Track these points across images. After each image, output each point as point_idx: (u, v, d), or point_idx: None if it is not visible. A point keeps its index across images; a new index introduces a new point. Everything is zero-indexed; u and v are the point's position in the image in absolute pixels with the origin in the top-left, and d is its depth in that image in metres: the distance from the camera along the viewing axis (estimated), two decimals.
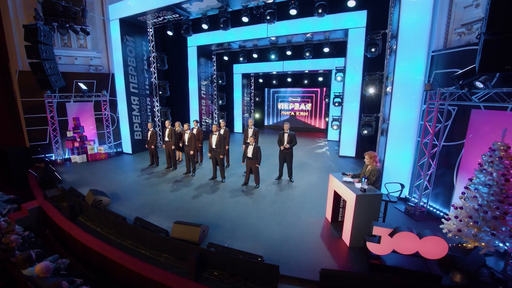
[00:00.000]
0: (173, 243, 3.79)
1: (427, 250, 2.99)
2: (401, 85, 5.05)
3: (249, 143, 5.92)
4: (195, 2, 7.19)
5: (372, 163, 3.90)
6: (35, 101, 8.29)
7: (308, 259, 3.45)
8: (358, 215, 3.58)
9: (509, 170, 3.12)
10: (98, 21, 9.10)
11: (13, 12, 7.97)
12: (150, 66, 9.90)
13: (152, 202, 5.30)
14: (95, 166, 8.15)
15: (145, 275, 3.45)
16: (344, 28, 8.23)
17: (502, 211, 3.12)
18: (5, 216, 5.57)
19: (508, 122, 3.46)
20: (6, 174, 8.33)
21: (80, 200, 5.27)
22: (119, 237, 4.36)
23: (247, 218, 4.58)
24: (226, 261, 3.37)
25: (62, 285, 3.12)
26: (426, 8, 4.66)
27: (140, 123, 9.64)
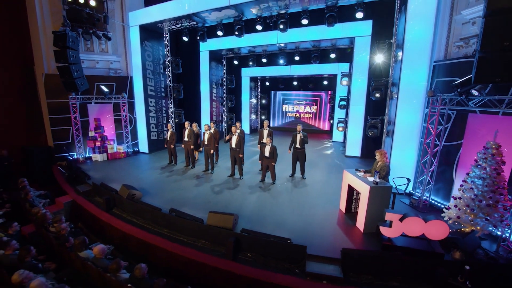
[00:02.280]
0: (208, 230, 4.31)
1: (431, 232, 3.55)
2: (406, 90, 5.63)
3: (265, 143, 6.48)
4: (214, 12, 7.74)
5: (382, 160, 4.46)
6: (59, 103, 8.78)
7: (328, 242, 4.00)
8: (371, 204, 4.13)
9: (500, 165, 3.69)
10: (118, 27, 9.62)
11: (40, 19, 8.48)
12: (166, 70, 10.44)
13: (179, 196, 5.82)
14: (116, 164, 8.65)
15: (187, 256, 3.98)
16: (350, 36, 8.82)
17: (494, 200, 3.69)
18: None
19: (500, 125, 4.04)
20: (30, 172, 8.80)
21: (114, 194, 5.78)
22: (156, 226, 4.87)
23: (269, 210, 5.12)
24: (258, 244, 3.90)
25: (120, 264, 3.63)
26: (429, 23, 5.24)
27: (156, 124, 10.16)
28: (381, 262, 3.50)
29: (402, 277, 3.42)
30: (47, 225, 4.96)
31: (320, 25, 8.22)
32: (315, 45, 10.36)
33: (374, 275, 3.45)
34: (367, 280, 3.42)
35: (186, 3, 7.85)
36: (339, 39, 9.25)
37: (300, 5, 7.23)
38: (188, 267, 4.00)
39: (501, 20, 3.02)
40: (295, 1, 6.90)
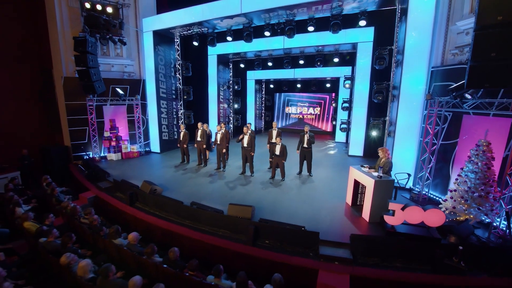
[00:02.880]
0: (228, 220, 4.76)
1: (430, 219, 4.01)
2: (406, 94, 6.11)
3: (275, 142, 6.96)
4: (225, 19, 8.23)
5: (385, 156, 4.93)
6: (77, 104, 9.24)
7: (338, 229, 4.46)
8: (376, 196, 4.60)
9: (490, 160, 4.16)
10: (132, 32, 10.10)
11: (60, 25, 8.94)
12: (176, 73, 10.91)
13: (196, 192, 6.27)
14: (130, 163, 9.10)
15: (211, 243, 4.42)
16: (353, 42, 9.32)
17: (485, 191, 4.15)
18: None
19: (490, 125, 4.51)
20: (48, 170, 9.23)
21: (136, 189, 6.23)
22: (178, 218, 5.31)
23: (281, 202, 5.58)
24: (275, 231, 4.36)
25: (154, 248, 4.07)
26: (427, 32, 5.73)
27: (167, 125, 10.62)
28: (385, 246, 3.95)
29: (404, 259, 3.87)
30: (78, 217, 5.41)
31: (325, 31, 8.73)
32: (319, 49, 10.85)
33: (379, 258, 3.90)
34: (373, 261, 3.87)
35: (200, 11, 8.34)
36: (342, 44, 9.75)
37: (307, 14, 7.72)
38: (211, 253, 4.44)
39: (488, 34, 3.50)
40: (303, 10, 7.39)
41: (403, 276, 3.55)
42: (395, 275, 3.56)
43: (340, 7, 7.07)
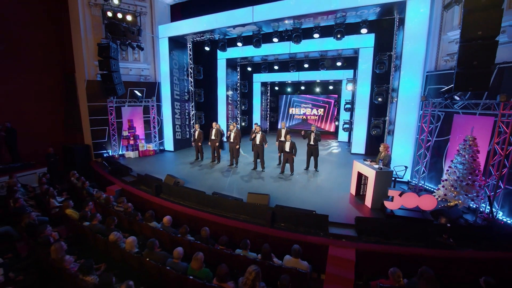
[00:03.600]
0: (248, 206, 5.42)
1: (423, 203, 4.67)
2: (404, 96, 6.78)
3: (284, 140, 7.63)
4: (238, 27, 8.93)
5: (385, 151, 5.59)
6: (98, 106, 9.93)
7: (344, 214, 5.12)
8: (377, 185, 5.25)
9: (476, 153, 4.82)
10: (148, 38, 10.81)
11: (83, 32, 9.65)
12: (188, 76, 11.60)
13: (214, 184, 6.93)
14: (147, 160, 9.77)
15: (234, 226, 5.08)
16: (355, 47, 10.01)
17: (472, 180, 4.81)
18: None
19: (476, 122, 5.18)
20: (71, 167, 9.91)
21: (160, 182, 6.90)
22: (201, 206, 5.96)
23: (293, 192, 6.24)
24: (290, 215, 5.01)
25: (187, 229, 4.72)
26: (422, 40, 6.40)
27: (180, 125, 11.31)
28: (385, 226, 4.60)
29: (402, 237, 4.51)
30: (112, 205, 6.08)
31: (329, 37, 9.40)
32: (322, 54, 11.55)
33: (380, 236, 4.55)
34: (375, 239, 4.52)
35: (214, 19, 9.05)
36: (345, 49, 10.44)
37: (313, 23, 8.41)
38: (234, 235, 5.09)
39: (471, 46, 4.18)
40: (309, 19, 8.09)
41: (400, 250, 4.19)
42: (394, 249, 4.21)
43: (343, 17, 7.76)
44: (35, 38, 9.70)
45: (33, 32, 9.63)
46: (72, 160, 9.89)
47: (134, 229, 5.34)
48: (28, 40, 9.49)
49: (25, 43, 9.37)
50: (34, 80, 9.86)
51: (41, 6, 9.92)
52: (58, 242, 3.91)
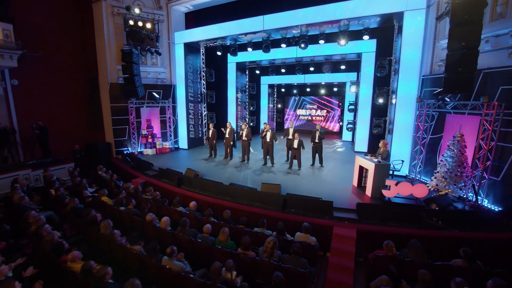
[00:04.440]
0: (262, 195, 6.14)
1: (417, 191, 5.34)
2: (402, 97, 7.44)
3: (292, 138, 8.36)
4: (249, 34, 9.70)
5: (384, 147, 6.27)
6: (119, 106, 10.79)
7: (347, 201, 5.82)
8: (376, 177, 5.93)
9: (463, 148, 5.47)
10: (164, 44, 11.64)
11: (107, 39, 10.52)
12: (201, 79, 12.41)
13: (230, 177, 7.66)
14: (164, 157, 10.57)
15: (250, 211, 5.80)
16: (358, 52, 10.69)
17: (460, 172, 5.46)
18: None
19: (465, 121, 5.84)
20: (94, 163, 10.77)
21: (181, 174, 7.66)
22: (219, 195, 6.70)
23: (300, 185, 6.94)
24: (299, 202, 5.72)
25: (210, 212, 5.47)
26: (418, 47, 7.07)
27: (193, 124, 12.10)
28: (383, 211, 5.28)
29: (397, 220, 5.18)
30: (140, 194, 6.86)
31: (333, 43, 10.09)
32: (327, 58, 12.24)
33: (378, 219, 5.22)
34: (374, 222, 5.20)
35: (227, 27, 9.84)
36: (348, 54, 11.12)
37: (318, 30, 9.13)
38: (250, 219, 5.78)
39: (456, 55, 4.85)
40: (315, 27, 8.81)
41: (395, 230, 4.87)
42: (390, 229, 4.88)
43: (346, 25, 8.46)
44: (64, 45, 10.63)
45: (63, 40, 10.56)
46: (95, 157, 10.74)
47: (162, 214, 6.09)
48: (59, 47, 10.41)
49: (56, 50, 10.28)
50: (63, 83, 10.78)
51: (71, 16, 10.85)
52: (106, 220, 4.71)
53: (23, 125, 9.51)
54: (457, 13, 4.74)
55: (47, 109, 10.30)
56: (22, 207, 5.86)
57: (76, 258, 3.75)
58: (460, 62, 4.82)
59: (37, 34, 9.55)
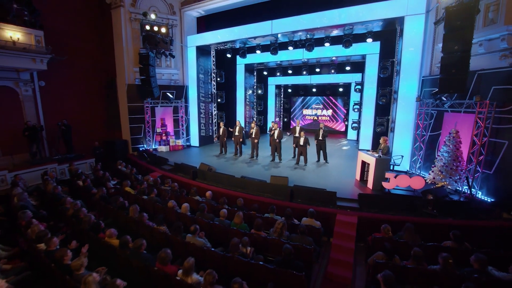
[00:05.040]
0: (271, 186, 6.69)
1: (414, 183, 5.80)
2: (403, 97, 7.88)
3: (299, 136, 8.87)
4: (258, 37, 10.27)
5: (384, 143, 6.73)
6: (136, 106, 11.50)
7: (350, 192, 6.31)
8: (377, 171, 6.40)
9: (459, 143, 5.90)
10: (177, 47, 12.30)
11: (125, 42, 11.23)
12: (212, 80, 13.04)
13: (240, 171, 8.21)
14: (178, 154, 11.21)
15: (260, 200, 6.35)
16: (362, 54, 11.14)
17: (455, 166, 5.90)
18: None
19: (461, 119, 6.26)
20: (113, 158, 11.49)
21: (195, 168, 8.27)
22: (232, 187, 7.27)
23: (306, 178, 7.45)
24: (305, 193, 6.24)
25: (225, 200, 6.04)
26: (418, 50, 7.51)
27: (204, 123, 12.74)
28: (383, 201, 5.76)
29: (395, 209, 5.64)
30: (159, 186, 7.49)
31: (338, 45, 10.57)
32: (333, 59, 12.71)
33: (378, 208, 5.70)
34: (374, 210, 5.68)
35: (237, 32, 10.43)
36: (353, 55, 11.58)
37: (324, 33, 9.64)
38: (261, 207, 6.35)
39: (451, 57, 5.31)
40: (321, 31, 9.32)
41: (393, 217, 5.35)
42: (388, 217, 5.36)
43: (350, 29, 8.94)
44: (86, 49, 11.42)
45: (85, 44, 11.35)
46: (113, 153, 11.45)
47: (181, 203, 6.71)
48: (81, 51, 11.20)
49: (78, 53, 11.06)
50: (83, 84, 11.57)
51: (92, 22, 11.65)
52: (134, 205, 5.34)
53: (48, 123, 10.30)
54: (450, 20, 5.20)
55: (70, 109, 11.08)
56: (56, 195, 6.56)
57: (113, 234, 4.38)
58: (454, 64, 5.27)
59: (62, 39, 10.32)
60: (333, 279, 4.49)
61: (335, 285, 4.41)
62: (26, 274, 3.91)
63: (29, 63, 8.52)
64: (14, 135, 9.36)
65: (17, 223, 5.08)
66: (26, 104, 9.79)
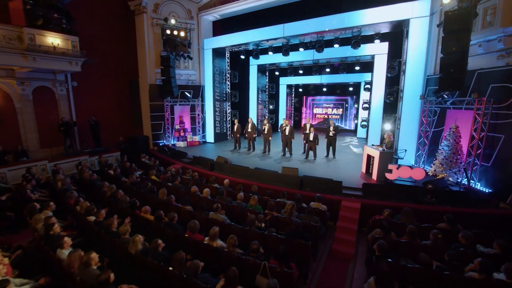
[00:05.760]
0: (282, 177, 7.32)
1: (415, 174, 6.28)
2: (409, 95, 8.31)
3: (309, 132, 9.45)
4: (271, 40, 10.92)
5: (388, 138, 7.22)
6: (157, 104, 12.41)
7: (355, 182, 6.85)
8: (380, 163, 6.90)
9: (458, 138, 6.33)
10: (195, 50, 13.14)
11: (147, 46, 12.16)
12: (226, 80, 13.80)
13: (254, 164, 8.87)
14: (195, 149, 12.02)
15: (272, 188, 7.00)
16: (371, 54, 11.56)
17: (455, 158, 6.34)
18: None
19: (462, 115, 6.67)
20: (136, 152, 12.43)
21: (212, 161, 9.02)
22: (246, 177, 7.95)
23: (315, 171, 8.03)
24: (313, 182, 6.83)
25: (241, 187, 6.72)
26: (423, 51, 7.93)
27: (219, 121, 13.52)
28: (385, 190, 6.28)
29: (397, 198, 6.14)
30: (180, 175, 8.28)
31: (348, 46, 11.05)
32: (342, 59, 13.18)
33: (381, 197, 6.21)
34: (376, 198, 6.20)
35: (251, 34, 11.13)
36: (362, 56, 12.02)
37: (333, 35, 10.17)
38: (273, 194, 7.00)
39: (450, 58, 5.77)
40: (330, 33, 9.86)
41: (394, 204, 5.86)
42: (389, 203, 5.88)
43: (358, 31, 9.44)
44: (112, 52, 12.45)
45: (111, 48, 12.38)
46: (135, 147, 12.38)
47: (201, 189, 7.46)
48: (107, 54, 12.23)
49: (106, 57, 12.10)
50: (109, 85, 12.61)
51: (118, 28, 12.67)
52: (162, 188, 6.12)
53: (79, 119, 11.37)
54: (449, 23, 5.66)
55: (98, 106, 12.12)
56: (92, 181, 7.47)
57: (148, 210, 5.17)
58: (452, 64, 5.73)
59: (93, 44, 11.35)
60: (337, 255, 5.08)
61: (339, 260, 5.00)
62: (79, 240, 4.73)
63: (67, 65, 9.54)
64: (51, 130, 10.46)
65: (65, 202, 5.99)
66: (61, 102, 10.87)
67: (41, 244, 4.06)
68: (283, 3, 11.09)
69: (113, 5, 12.50)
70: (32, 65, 8.71)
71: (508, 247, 3.94)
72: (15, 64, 8.52)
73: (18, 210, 6.03)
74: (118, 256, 3.99)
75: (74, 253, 3.49)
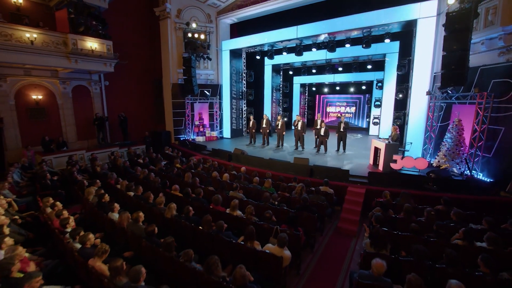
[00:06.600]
0: (294, 166, 7.99)
1: (418, 164, 6.75)
2: (416, 92, 8.70)
3: (320, 127, 10.03)
4: (285, 41, 11.61)
5: (394, 131, 7.70)
6: (178, 102, 13.44)
7: (362, 172, 7.39)
8: (386, 154, 7.40)
9: (461, 130, 6.73)
10: (213, 51, 14.07)
11: (170, 48, 13.21)
12: (242, 79, 14.62)
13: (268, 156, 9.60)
14: (213, 143, 12.90)
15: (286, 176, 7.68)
16: (383, 53, 11.95)
17: (457, 150, 6.74)
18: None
19: (465, 109, 7.04)
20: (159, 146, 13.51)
21: (230, 153, 9.83)
22: (261, 167, 8.67)
23: (325, 163, 8.62)
24: (323, 171, 7.45)
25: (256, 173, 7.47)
26: (430, 49, 8.31)
27: (235, 118, 14.35)
28: (389, 178, 6.79)
29: (400, 186, 6.63)
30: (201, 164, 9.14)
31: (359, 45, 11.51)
32: (354, 58, 13.61)
33: (385, 185, 6.73)
34: (381, 185, 6.73)
35: (266, 36, 11.87)
36: (374, 55, 12.42)
37: (344, 36, 10.69)
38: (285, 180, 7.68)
39: (451, 56, 6.22)
40: (341, 34, 10.40)
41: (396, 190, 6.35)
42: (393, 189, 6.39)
43: (369, 31, 9.92)
44: (139, 55, 13.63)
45: (138, 50, 13.56)
46: (159, 141, 13.46)
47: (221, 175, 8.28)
48: (135, 56, 13.41)
49: (134, 58, 13.28)
50: (136, 84, 13.79)
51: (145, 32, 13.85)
52: (188, 172, 6.99)
53: (110, 115, 12.58)
54: (450, 23, 6.11)
55: (126, 103, 13.33)
56: (126, 167, 8.50)
57: (177, 189, 6.02)
58: (454, 61, 6.17)
59: (123, 47, 12.54)
60: (342, 232, 5.70)
61: (343, 236, 5.62)
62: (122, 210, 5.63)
63: (102, 66, 10.72)
64: (86, 124, 11.72)
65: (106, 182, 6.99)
66: (95, 99, 12.13)
67: (95, 210, 5.01)
68: (296, 6, 11.73)
69: (141, 12, 13.68)
70: (74, 67, 9.93)
71: (494, 223, 4.42)
72: (60, 66, 9.76)
73: (67, 189, 7.11)
74: (156, 221, 4.85)
75: (123, 214, 4.38)
